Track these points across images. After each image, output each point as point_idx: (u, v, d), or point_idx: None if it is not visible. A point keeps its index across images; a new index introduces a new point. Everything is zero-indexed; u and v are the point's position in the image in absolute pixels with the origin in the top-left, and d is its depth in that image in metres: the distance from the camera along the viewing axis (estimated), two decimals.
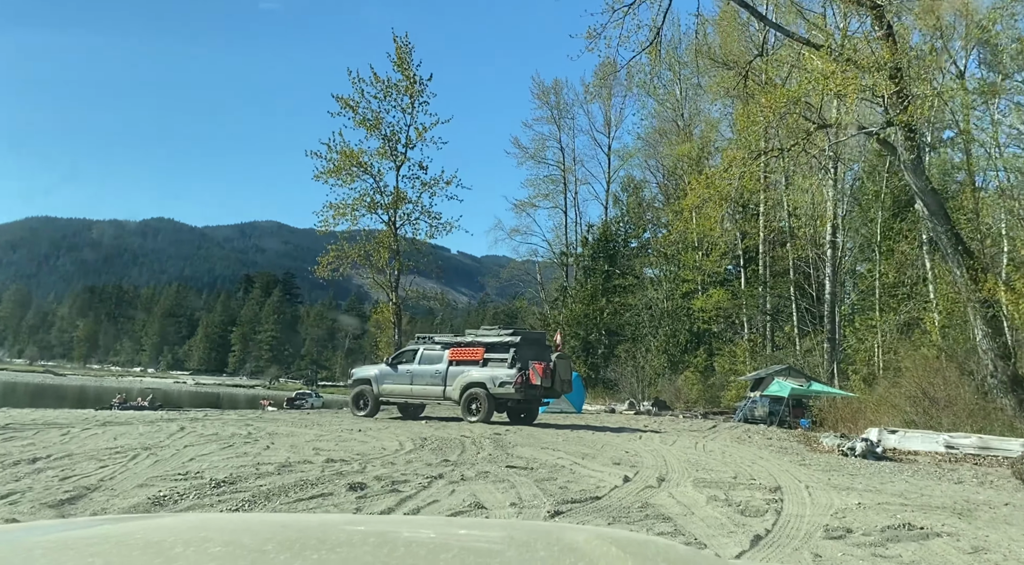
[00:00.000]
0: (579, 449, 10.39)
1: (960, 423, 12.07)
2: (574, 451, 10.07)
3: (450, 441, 10.72)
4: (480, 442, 10.67)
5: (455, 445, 10.25)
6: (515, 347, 14.69)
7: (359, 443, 10.29)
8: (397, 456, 8.92)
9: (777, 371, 24.23)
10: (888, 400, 14.29)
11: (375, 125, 26.01)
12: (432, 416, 16.35)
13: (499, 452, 9.55)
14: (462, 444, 10.38)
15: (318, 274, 25.87)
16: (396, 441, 10.63)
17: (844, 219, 33.66)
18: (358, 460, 8.40)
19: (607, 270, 48.77)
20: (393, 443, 10.37)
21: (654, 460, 9.42)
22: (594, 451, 10.25)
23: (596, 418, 19.29)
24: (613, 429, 14.61)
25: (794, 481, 7.98)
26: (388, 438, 11.05)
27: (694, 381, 34.51)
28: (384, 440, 10.77)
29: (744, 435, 14.03)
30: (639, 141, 53.30)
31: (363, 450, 9.46)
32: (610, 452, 10.22)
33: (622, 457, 9.63)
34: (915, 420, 12.69)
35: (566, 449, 10.33)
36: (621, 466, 8.73)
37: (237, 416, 15.69)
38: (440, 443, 10.44)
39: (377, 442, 10.50)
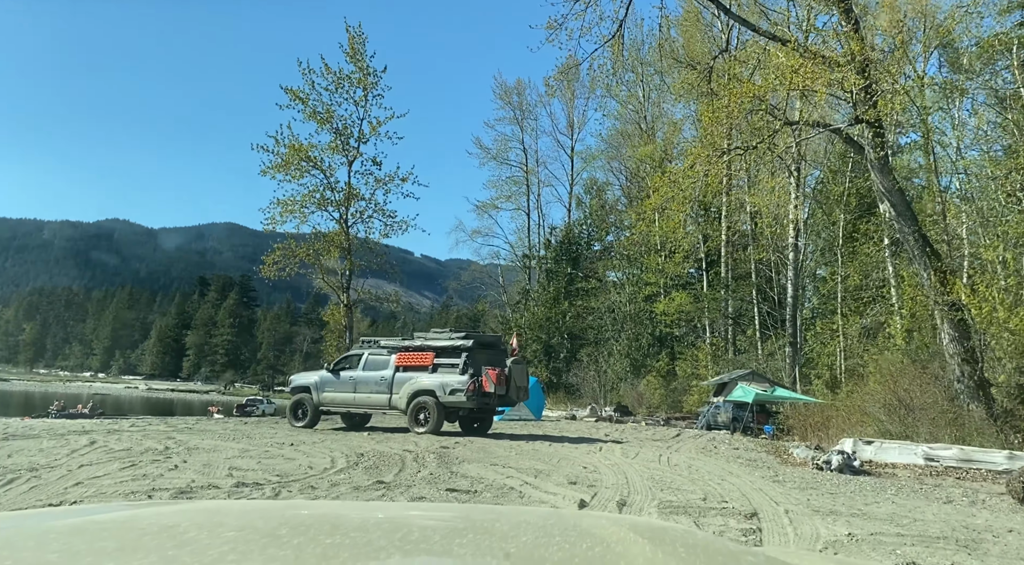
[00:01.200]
0: (533, 465, 9.38)
1: (938, 432, 11.37)
2: (527, 467, 9.06)
3: (389, 457, 9.62)
4: (423, 458, 9.59)
5: (394, 462, 9.16)
6: (467, 352, 13.57)
7: (284, 461, 9.14)
8: (323, 477, 7.81)
9: (740, 376, 23.58)
10: (861, 407, 13.57)
11: (326, 118, 24.77)
12: (377, 427, 15.20)
13: (442, 471, 8.49)
14: (402, 461, 9.29)
15: (264, 274, 24.48)
16: (328, 457, 9.50)
17: (806, 222, 33.37)
18: (274, 484, 7.27)
19: (570, 273, 48.05)
20: (324, 460, 9.24)
21: (615, 478, 8.45)
22: (549, 467, 9.26)
23: (555, 426, 18.31)
24: (572, 439, 13.64)
25: (771, 503, 7.07)
26: (320, 454, 9.90)
27: (656, 385, 33.84)
28: (315, 456, 9.62)
29: (710, 445, 13.19)
30: (602, 143, 52.88)
31: (286, 469, 8.32)
32: (567, 468, 9.23)
33: (580, 474, 8.65)
34: (890, 430, 11.97)
35: (519, 465, 9.31)
36: (578, 486, 7.75)
37: (166, 427, 14.37)
38: (378, 459, 9.33)
39: (306, 459, 9.36)
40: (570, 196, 53.70)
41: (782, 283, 36.64)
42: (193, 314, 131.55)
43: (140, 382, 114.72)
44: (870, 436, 11.67)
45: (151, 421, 17.76)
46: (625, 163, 49.43)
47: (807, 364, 32.07)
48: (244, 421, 17.02)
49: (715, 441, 14.14)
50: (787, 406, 23.48)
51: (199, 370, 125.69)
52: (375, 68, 24.92)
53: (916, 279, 25.41)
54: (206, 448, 10.40)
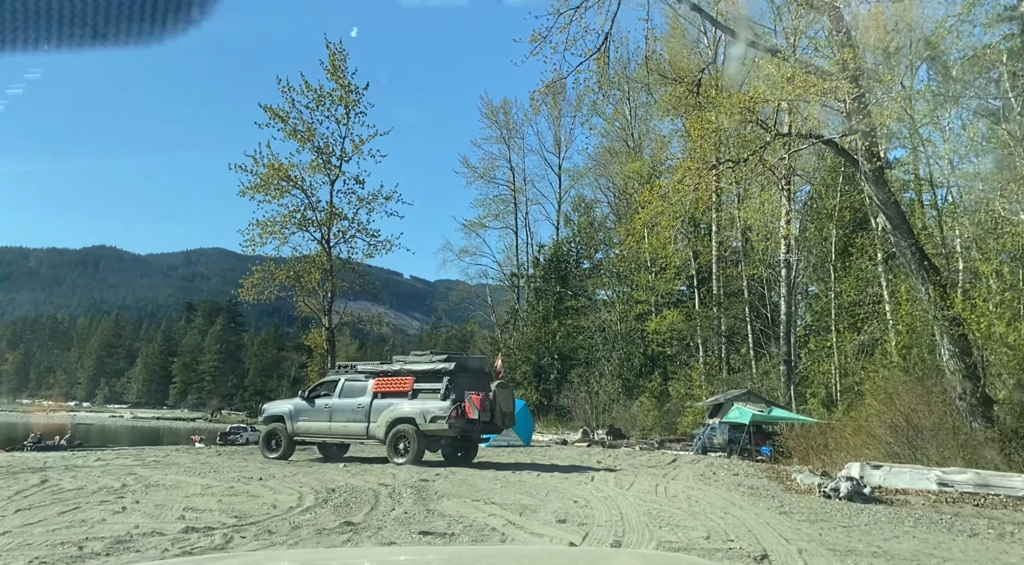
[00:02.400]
0: (518, 499, 8.62)
1: (948, 454, 10.68)
2: (512, 503, 8.31)
3: (363, 492, 8.84)
4: (399, 493, 8.81)
5: (367, 498, 8.38)
6: (449, 375, 12.73)
7: (247, 498, 8.35)
8: (285, 518, 7.03)
9: (736, 396, 22.88)
10: (866, 429, 12.88)
11: (307, 137, 24.16)
12: (356, 458, 14.36)
13: (418, 508, 7.72)
14: (376, 497, 8.51)
15: (243, 297, 23.71)
16: (296, 494, 8.71)
17: (798, 237, 32.91)
18: (229, 528, 6.49)
19: (559, 291, 47.40)
20: (290, 497, 8.45)
21: (608, 513, 7.71)
22: (536, 502, 8.50)
23: (545, 453, 17.49)
24: (562, 468, 12.86)
25: (781, 541, 6.35)
26: (288, 490, 9.11)
27: (649, 407, 33.07)
28: (282, 493, 8.84)
29: (708, 471, 12.45)
30: (590, 161, 52.55)
31: (246, 509, 7.54)
32: (556, 502, 8.48)
33: (569, 510, 7.90)
34: (898, 452, 11.29)
35: (503, 500, 8.55)
36: (567, 524, 7.00)
37: (134, 460, 13.54)
38: (349, 496, 8.55)
39: (272, 495, 8.57)
40: (558, 214, 53.27)
41: (774, 300, 36.16)
42: (179, 340, 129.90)
43: (126, 411, 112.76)
44: (876, 459, 10.98)
45: (123, 453, 16.91)
46: (613, 180, 49.02)
47: (802, 382, 31.46)
48: (218, 452, 16.15)
49: (713, 466, 13.41)
50: (785, 427, 22.79)
51: (186, 397, 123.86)
52: (357, 85, 24.40)
53: (914, 294, 24.88)
54: (167, 485, 9.59)
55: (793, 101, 18.82)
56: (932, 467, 10.10)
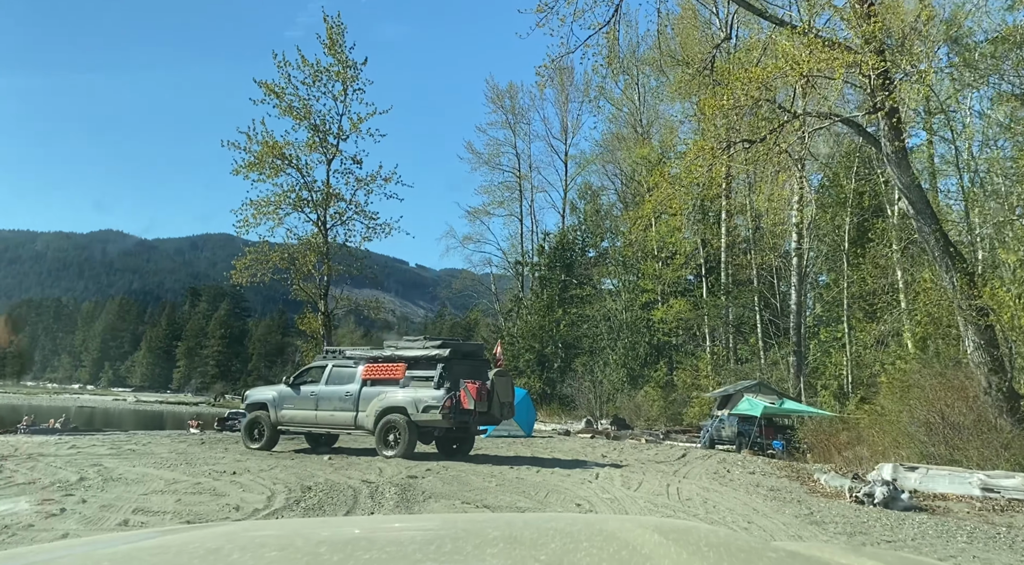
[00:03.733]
0: (515, 501, 7.74)
1: (991, 456, 9.74)
2: (507, 506, 7.43)
3: (341, 491, 7.97)
4: (382, 493, 7.94)
5: (344, 499, 7.51)
6: (443, 362, 11.87)
7: (211, 498, 7.49)
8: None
9: (746, 387, 21.95)
10: (895, 425, 11.92)
11: (304, 115, 23.22)
12: (344, 448, 13.51)
13: (400, 513, 6.85)
14: (355, 497, 7.64)
15: (235, 280, 22.85)
16: (267, 492, 7.85)
17: (810, 225, 31.90)
18: None
19: (564, 280, 46.49)
20: (260, 496, 7.59)
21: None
22: (535, 504, 7.63)
23: (547, 444, 16.60)
24: (564, 463, 11.97)
25: None
26: (260, 487, 8.25)
27: (655, 397, 32.18)
28: (252, 491, 7.98)
29: (721, 468, 11.56)
30: (596, 147, 51.50)
31: (204, 511, 6.68)
32: (556, 506, 7.61)
33: None
34: (933, 452, 10.35)
35: (497, 502, 7.68)
36: None
37: (108, 449, 12.71)
38: (326, 496, 7.69)
39: (239, 494, 7.71)
40: (564, 201, 52.34)
41: (783, 290, 35.23)
42: (183, 325, 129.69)
43: (129, 394, 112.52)
44: (909, 459, 10.05)
45: (107, 439, 16.12)
46: (620, 167, 48.02)
47: (811, 374, 30.59)
48: (202, 440, 15.31)
49: (726, 463, 12.51)
50: (797, 420, 21.91)
51: (189, 382, 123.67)
52: (355, 61, 23.40)
53: (933, 283, 23.88)
54: (129, 479, 8.74)
55: (813, 78, 17.78)
56: (974, 470, 9.18)
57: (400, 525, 1.59)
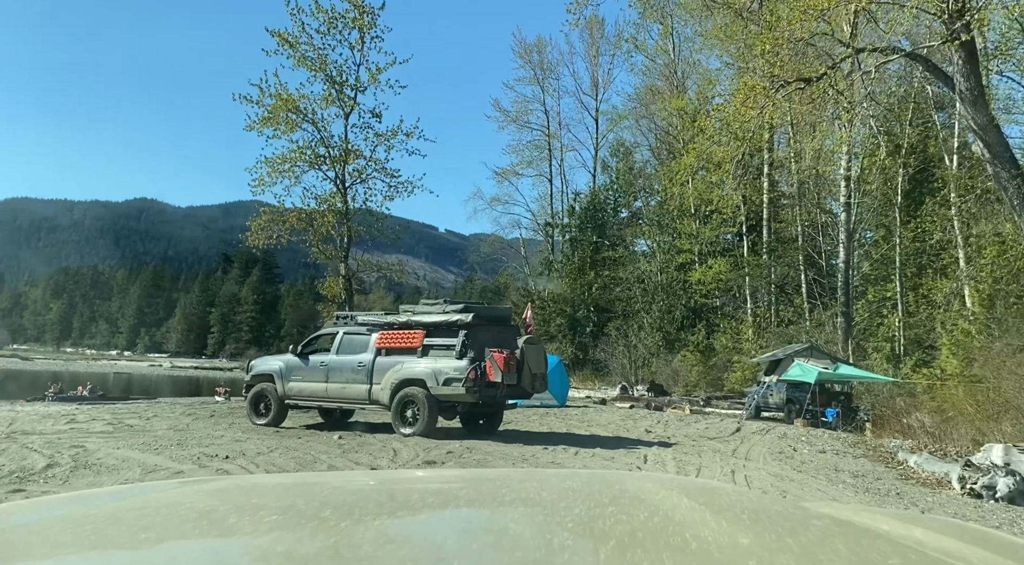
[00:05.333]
0: None
1: None
2: None
3: None
4: None
5: None
6: (466, 329, 10.53)
7: None
8: None
9: (797, 351, 20.36)
10: (993, 397, 10.29)
11: (319, 66, 21.77)
12: (361, 423, 12.32)
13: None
14: None
15: (251, 242, 21.79)
16: None
17: (859, 177, 29.81)
18: None
19: (595, 241, 44.86)
20: None
21: None
22: None
23: (582, 416, 15.26)
24: (605, 442, 10.59)
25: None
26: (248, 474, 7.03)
27: (694, 362, 30.68)
28: None
29: (785, 447, 10.15)
30: (630, 102, 49.33)
31: None
32: None
33: None
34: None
35: None
36: None
37: (105, 424, 11.72)
38: None
39: None
40: (595, 160, 50.44)
41: (831, 247, 33.33)
42: (217, 291, 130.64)
43: (165, 360, 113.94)
44: (1013, 436, 8.52)
45: (121, 409, 15.26)
46: (655, 121, 45.87)
47: (858, 335, 28.86)
48: (212, 413, 14.28)
49: (788, 439, 11.10)
50: (847, 386, 20.34)
51: (224, 347, 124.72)
52: (372, 5, 21.81)
53: (1005, 237, 21.86)
54: (105, 466, 7.62)
55: (880, 3, 15.79)
56: None
57: (409, 485, 1.46)
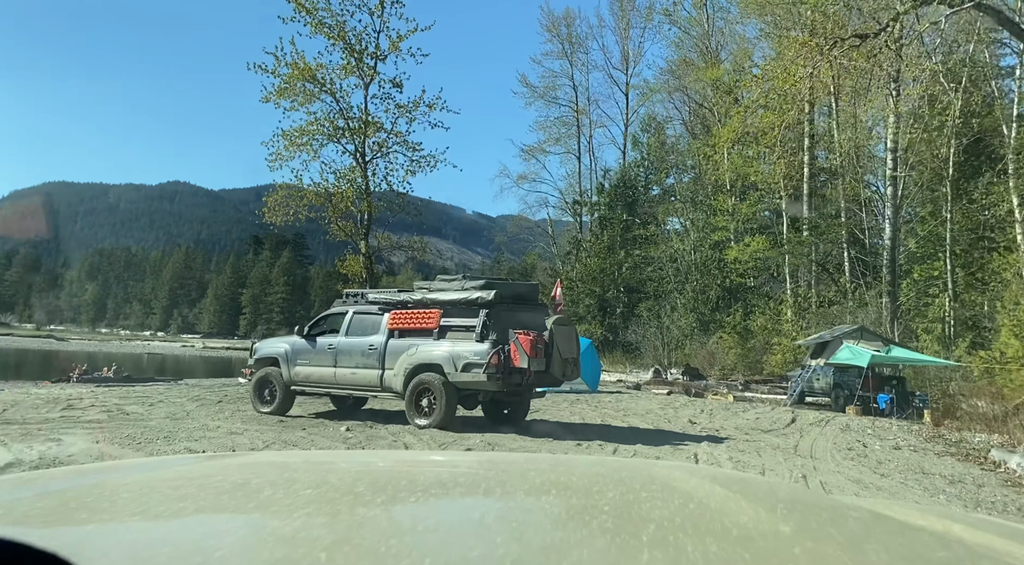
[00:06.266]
0: None
1: None
2: None
3: None
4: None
5: None
6: (487, 308, 9.41)
7: None
8: None
9: (846, 333, 18.97)
10: None
11: (337, 33, 20.66)
12: (374, 411, 11.34)
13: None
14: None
15: (267, 219, 20.86)
16: None
17: (907, 150, 28.10)
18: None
19: (626, 219, 43.49)
20: None
21: None
22: None
23: (617, 404, 14.09)
24: (646, 436, 9.43)
25: None
26: None
27: (731, 344, 29.33)
28: None
29: (854, 443, 8.95)
30: (662, 75, 47.60)
31: None
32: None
33: None
34: None
35: None
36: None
37: (100, 412, 10.89)
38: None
39: None
40: (625, 136, 48.85)
41: (874, 224, 31.70)
42: (248, 273, 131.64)
43: (197, 341, 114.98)
44: None
45: (125, 395, 14.50)
46: (688, 94, 44.12)
47: (903, 316, 27.33)
48: (220, 400, 13.42)
49: (852, 431, 9.89)
50: (894, 370, 18.96)
51: (255, 328, 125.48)
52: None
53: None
54: (73, 465, 6.69)
55: None
56: None
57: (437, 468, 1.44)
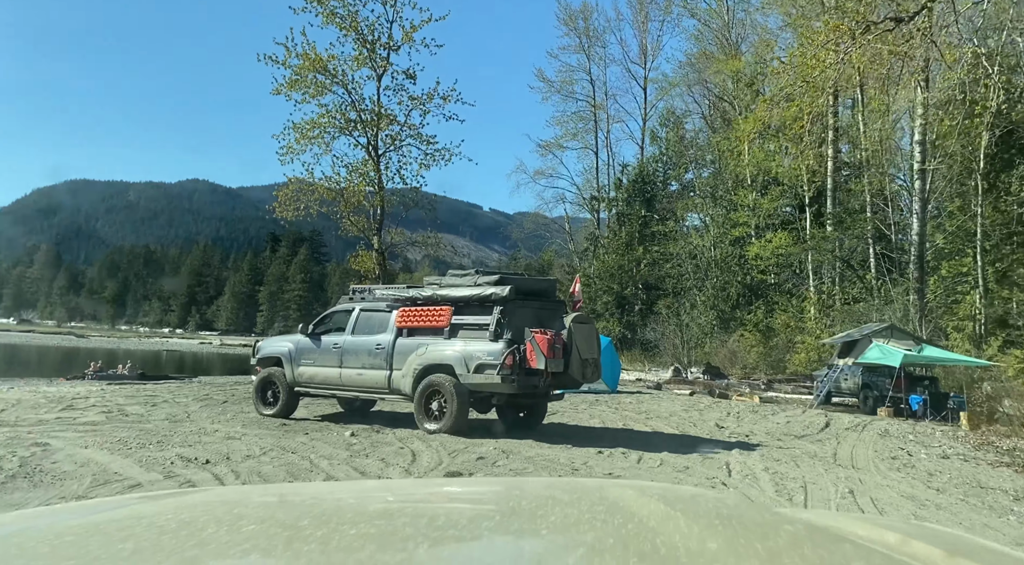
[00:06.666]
0: None
1: None
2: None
3: None
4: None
5: None
6: (502, 304, 8.76)
7: None
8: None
9: (875, 331, 18.21)
10: None
11: (350, 23, 20.20)
12: (383, 413, 10.81)
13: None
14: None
15: (279, 214, 20.47)
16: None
17: (935, 142, 27.23)
18: None
19: (644, 215, 42.74)
20: None
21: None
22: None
23: (638, 406, 13.45)
24: (672, 442, 8.79)
25: None
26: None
27: (752, 342, 28.56)
28: None
29: (897, 450, 8.30)
30: (681, 69, 46.75)
31: None
32: None
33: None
34: None
35: None
36: None
37: (98, 413, 10.47)
38: None
39: None
40: (643, 131, 48.11)
41: (900, 220, 30.81)
42: (265, 270, 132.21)
43: (215, 337, 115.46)
44: None
45: (131, 395, 14.15)
46: (707, 88, 43.30)
47: (931, 313, 26.48)
48: (225, 400, 12.95)
49: (891, 437, 9.23)
50: (939, 371, 18.21)
51: (272, 325, 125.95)
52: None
53: None
54: (56, 472, 6.28)
55: None
56: None
57: (391, 495, 1.46)
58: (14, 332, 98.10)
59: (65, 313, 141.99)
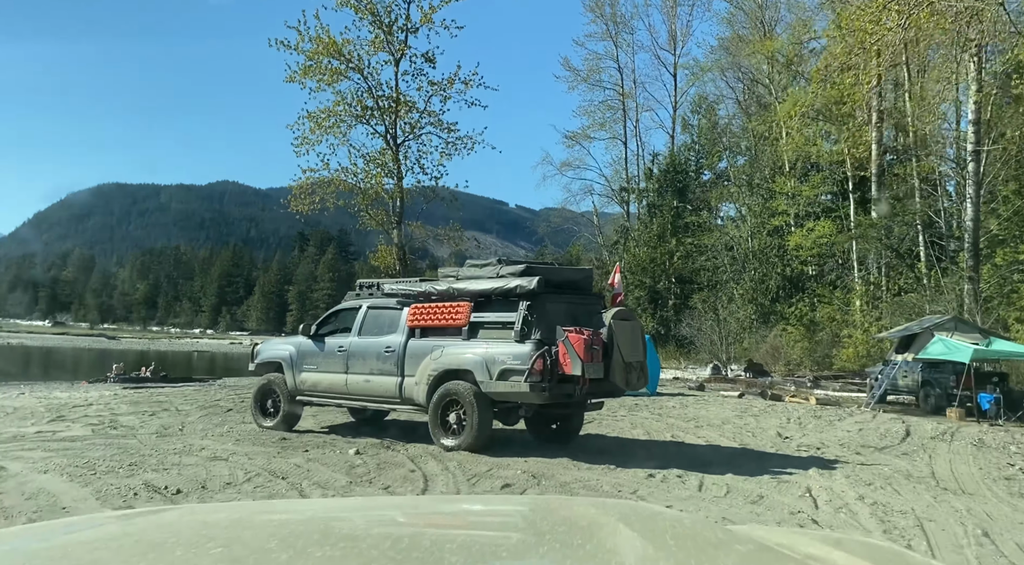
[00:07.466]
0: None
1: None
2: None
3: None
4: None
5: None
6: (529, 299, 7.49)
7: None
8: None
9: (937, 324, 16.67)
10: None
11: (366, 6, 19.13)
12: (396, 423, 9.63)
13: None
14: None
15: (293, 208, 19.50)
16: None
17: (990, 122, 25.51)
18: None
19: (676, 206, 41.20)
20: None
21: None
22: None
23: (683, 411, 12.03)
24: (734, 460, 7.33)
25: None
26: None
27: (797, 337, 26.98)
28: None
29: (1003, 464, 6.93)
30: (713, 53, 45.07)
31: None
32: None
33: None
34: None
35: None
36: None
37: (83, 428, 9.53)
38: None
39: None
40: (673, 119, 46.46)
41: (947, 204, 29.05)
42: (294, 270, 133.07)
43: (245, 337, 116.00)
44: None
45: (134, 402, 13.32)
46: (741, 72, 41.59)
47: (986, 303, 24.80)
48: (229, 408, 11.94)
49: (987, 448, 7.86)
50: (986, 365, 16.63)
51: (302, 324, 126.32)
52: None
53: None
54: (2, 506, 5.12)
55: None
56: None
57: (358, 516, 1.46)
58: (48, 334, 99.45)
59: (98, 315, 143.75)
